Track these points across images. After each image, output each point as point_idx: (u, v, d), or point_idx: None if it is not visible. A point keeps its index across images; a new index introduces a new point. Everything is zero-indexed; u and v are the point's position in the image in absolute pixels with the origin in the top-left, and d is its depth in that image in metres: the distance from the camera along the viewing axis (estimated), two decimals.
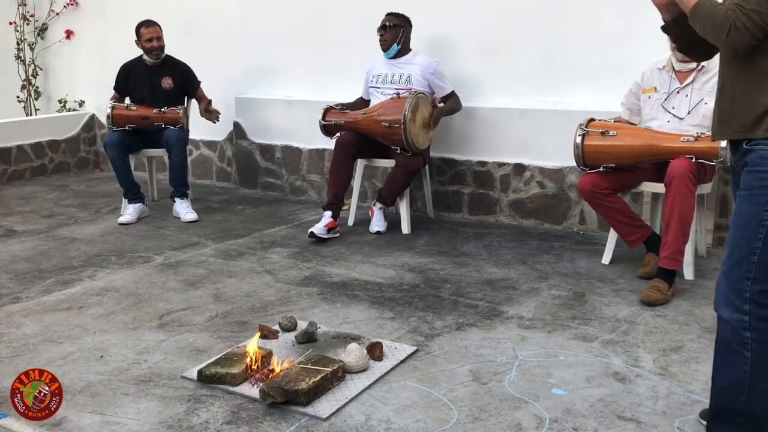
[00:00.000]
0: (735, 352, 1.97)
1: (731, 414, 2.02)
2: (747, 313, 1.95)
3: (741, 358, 1.96)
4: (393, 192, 4.69)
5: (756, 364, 1.95)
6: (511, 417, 2.40)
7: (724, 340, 2.01)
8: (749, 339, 1.95)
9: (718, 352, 2.04)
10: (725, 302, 1.99)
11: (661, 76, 3.81)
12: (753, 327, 1.94)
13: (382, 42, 4.78)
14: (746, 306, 1.95)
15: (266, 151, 6.02)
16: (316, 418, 2.39)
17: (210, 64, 5.99)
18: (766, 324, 1.95)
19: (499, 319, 3.26)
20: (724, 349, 2.02)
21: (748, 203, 1.97)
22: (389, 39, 4.77)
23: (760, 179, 1.95)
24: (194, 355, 2.91)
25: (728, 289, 1.98)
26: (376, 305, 3.45)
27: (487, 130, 4.95)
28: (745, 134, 1.98)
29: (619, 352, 2.89)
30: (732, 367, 1.99)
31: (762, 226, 1.93)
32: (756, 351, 1.95)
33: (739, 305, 1.95)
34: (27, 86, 7.48)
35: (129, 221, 5.06)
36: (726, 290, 1.99)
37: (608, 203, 3.75)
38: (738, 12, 1.89)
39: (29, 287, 3.78)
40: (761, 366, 1.95)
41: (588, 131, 3.78)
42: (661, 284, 3.45)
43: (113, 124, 5.20)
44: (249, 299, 3.56)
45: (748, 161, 1.99)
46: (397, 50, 4.80)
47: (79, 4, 7.16)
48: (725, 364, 2.02)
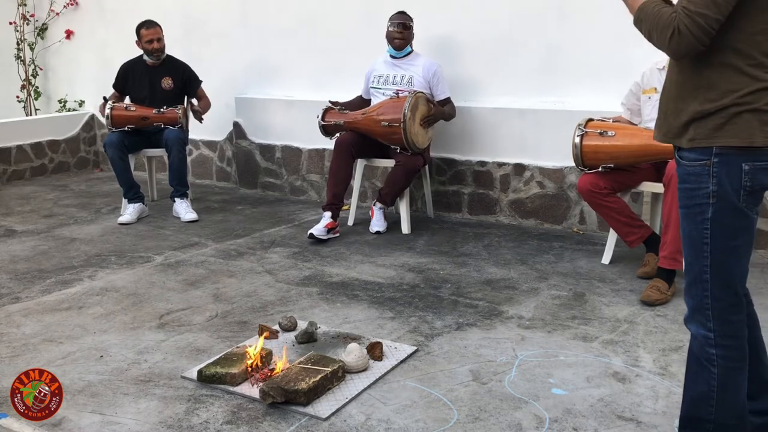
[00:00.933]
0: (702, 366, 1.95)
1: (701, 422, 2.00)
2: (712, 330, 1.91)
3: (708, 372, 1.94)
4: (393, 192, 4.69)
5: (722, 380, 1.93)
6: (511, 417, 2.40)
7: (693, 354, 1.98)
8: (714, 355, 1.92)
9: (689, 363, 2.02)
10: (692, 318, 1.96)
11: (661, 77, 3.80)
12: (718, 344, 1.91)
13: (400, 41, 4.76)
14: (710, 323, 1.91)
15: (266, 151, 6.02)
16: (316, 418, 2.40)
17: (210, 64, 5.99)
18: (731, 340, 1.92)
19: (499, 319, 3.26)
20: (693, 362, 1.99)
21: (687, 222, 1.92)
22: (407, 38, 4.78)
23: (691, 197, 1.89)
24: (194, 355, 2.91)
25: (693, 306, 1.95)
26: (376, 305, 3.45)
27: (487, 130, 4.95)
28: (671, 140, 1.91)
29: (619, 351, 2.89)
30: (700, 379, 1.97)
31: (705, 244, 1.88)
32: (722, 366, 1.92)
33: (704, 322, 1.92)
34: (27, 86, 7.48)
35: (129, 221, 5.06)
36: (691, 307, 1.96)
37: (608, 203, 3.76)
38: (683, 15, 1.73)
39: (29, 287, 3.78)
40: (727, 380, 1.93)
41: (586, 131, 3.79)
42: (660, 284, 3.45)
43: (112, 125, 5.20)
44: (249, 299, 3.56)
45: (678, 174, 1.93)
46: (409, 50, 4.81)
47: (79, 4, 7.16)
48: (694, 376, 1.99)
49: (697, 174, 1.86)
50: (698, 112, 1.84)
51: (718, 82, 1.81)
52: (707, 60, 1.82)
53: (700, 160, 1.85)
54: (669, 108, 1.91)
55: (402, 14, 4.77)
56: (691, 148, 1.86)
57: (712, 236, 1.87)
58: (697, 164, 1.85)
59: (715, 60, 1.81)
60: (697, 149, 1.85)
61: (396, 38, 4.75)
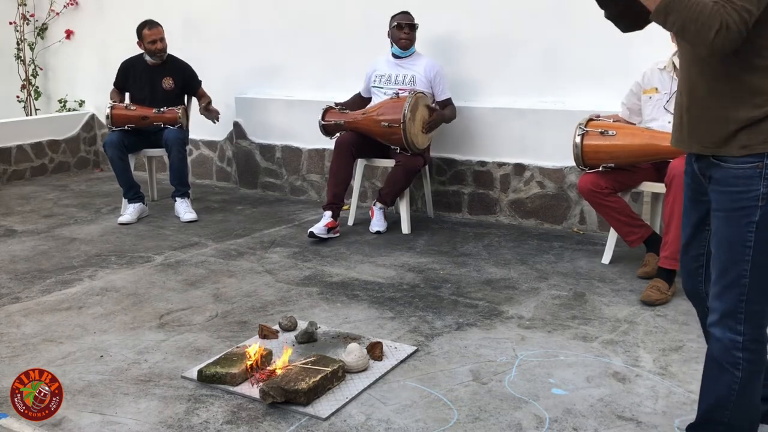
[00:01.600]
0: (725, 370, 1.93)
1: (713, 424, 2.00)
2: (742, 333, 1.89)
3: (731, 376, 1.92)
4: (393, 192, 4.69)
5: (744, 383, 1.92)
6: (511, 417, 2.40)
7: (714, 358, 1.96)
8: (741, 359, 1.90)
9: (708, 368, 2.00)
10: (719, 323, 1.92)
11: (662, 77, 3.80)
12: (746, 348, 1.89)
13: (406, 41, 4.76)
14: (741, 326, 1.89)
15: (266, 151, 6.02)
16: (316, 418, 2.40)
17: (210, 64, 5.99)
18: (759, 345, 1.91)
19: (499, 319, 3.26)
20: (714, 366, 1.97)
21: (727, 225, 1.87)
22: (413, 39, 4.78)
23: (736, 200, 1.84)
24: (194, 355, 2.91)
25: (723, 311, 1.91)
26: (376, 305, 3.45)
27: (487, 130, 4.95)
28: (715, 150, 1.85)
29: (619, 352, 2.89)
30: (721, 383, 1.95)
31: (747, 247, 1.84)
32: (747, 370, 1.91)
33: (734, 326, 1.89)
34: (27, 86, 7.47)
35: (129, 221, 5.06)
36: (721, 311, 1.92)
37: (608, 203, 3.75)
38: (730, 9, 1.63)
39: (29, 287, 3.78)
40: (749, 384, 1.93)
41: (587, 131, 3.78)
42: (661, 284, 3.45)
43: (112, 124, 5.20)
44: (249, 299, 3.56)
45: (716, 177, 1.88)
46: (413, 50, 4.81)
47: (79, 4, 7.16)
48: (714, 380, 1.98)
49: (747, 177, 1.82)
50: (749, 119, 1.79)
51: (763, 87, 1.77)
52: (746, 64, 1.77)
53: (751, 162, 1.81)
54: (707, 116, 1.85)
55: (407, 14, 4.77)
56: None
57: (756, 240, 1.83)
58: (747, 167, 1.81)
59: (755, 63, 1.76)
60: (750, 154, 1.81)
61: (402, 38, 4.75)
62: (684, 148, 1.96)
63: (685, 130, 1.94)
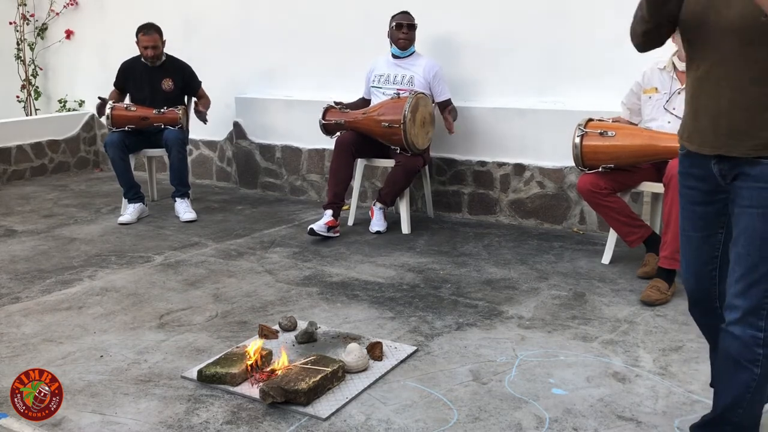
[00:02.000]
0: (743, 368, 1.92)
1: (722, 424, 2.00)
2: (763, 330, 1.89)
3: (749, 373, 1.92)
4: (393, 192, 4.69)
5: (761, 381, 1.92)
6: (511, 417, 2.40)
7: (732, 356, 1.95)
8: (761, 355, 1.90)
9: (724, 367, 1.99)
10: (741, 320, 1.91)
11: (662, 77, 3.81)
12: (766, 344, 1.89)
13: (405, 41, 4.76)
14: (762, 323, 1.88)
15: (266, 151, 6.02)
16: (316, 418, 2.40)
17: (210, 64, 5.99)
18: None
19: (499, 319, 3.26)
20: (731, 365, 1.96)
21: (763, 222, 1.85)
22: (412, 39, 4.79)
23: None
24: (194, 355, 2.91)
25: (747, 308, 1.90)
26: (376, 305, 3.45)
27: (487, 130, 4.95)
28: (761, 151, 1.86)
29: (619, 351, 2.89)
30: (738, 382, 1.94)
31: None
32: (765, 366, 1.90)
33: (755, 322, 1.89)
34: (27, 86, 7.48)
35: (129, 221, 5.06)
36: (745, 308, 1.90)
37: (608, 203, 3.76)
38: None
39: (29, 287, 3.78)
40: (765, 382, 1.93)
41: (587, 132, 3.78)
42: (660, 284, 3.45)
43: (113, 125, 5.20)
44: (249, 299, 3.56)
45: (753, 174, 1.87)
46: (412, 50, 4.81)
47: (79, 4, 7.16)
48: (729, 379, 1.97)
49: None
50: None
51: None
52: None
53: None
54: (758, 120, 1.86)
55: (407, 14, 4.77)
56: None
57: None
58: None
59: None
60: None
61: (401, 38, 4.75)
62: (708, 151, 1.95)
63: (722, 133, 1.92)
